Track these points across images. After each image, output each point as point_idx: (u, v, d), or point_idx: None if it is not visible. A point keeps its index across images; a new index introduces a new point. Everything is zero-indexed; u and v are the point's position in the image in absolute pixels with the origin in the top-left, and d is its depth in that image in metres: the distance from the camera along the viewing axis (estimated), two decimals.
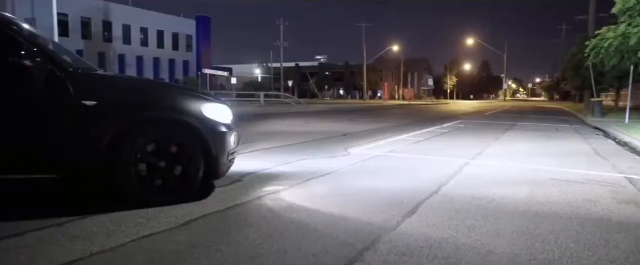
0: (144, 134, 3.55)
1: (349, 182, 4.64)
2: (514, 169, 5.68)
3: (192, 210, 3.40)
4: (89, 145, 3.41)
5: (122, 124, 3.49)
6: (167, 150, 3.61)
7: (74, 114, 3.35)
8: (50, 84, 3.29)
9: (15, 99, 3.30)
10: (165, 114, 3.68)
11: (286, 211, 3.45)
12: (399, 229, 3.04)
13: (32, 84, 3.27)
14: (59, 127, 3.38)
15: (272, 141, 8.10)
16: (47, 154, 3.39)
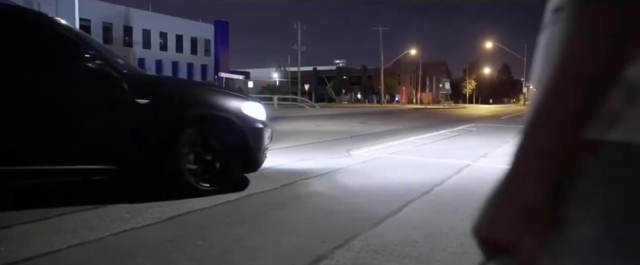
0: (192, 129, 3.86)
1: (341, 183, 4.64)
2: None
3: (178, 206, 3.45)
4: (145, 140, 3.71)
5: (173, 121, 3.81)
6: (211, 144, 3.92)
7: (131, 111, 3.66)
8: (109, 84, 3.60)
9: (82, 98, 3.64)
10: (210, 112, 3.98)
11: (272, 209, 3.48)
12: (378, 228, 3.03)
13: (95, 84, 3.61)
14: (119, 123, 3.69)
15: (280, 142, 8.15)
16: (110, 147, 3.68)
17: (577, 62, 0.53)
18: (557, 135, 0.54)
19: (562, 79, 0.54)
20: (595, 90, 0.52)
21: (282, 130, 12.02)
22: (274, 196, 3.94)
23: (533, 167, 0.55)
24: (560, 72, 0.54)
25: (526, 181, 0.56)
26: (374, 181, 4.75)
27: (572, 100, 0.52)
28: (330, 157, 6.40)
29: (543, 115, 0.55)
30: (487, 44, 61.41)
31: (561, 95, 0.54)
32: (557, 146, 0.54)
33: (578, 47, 0.53)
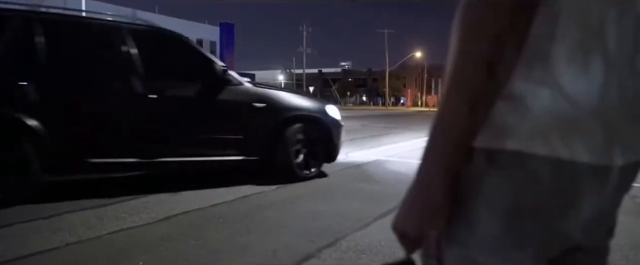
0: (294, 127, 4.73)
1: (335, 185, 4.72)
2: None
3: (174, 206, 3.55)
4: (261, 135, 4.60)
5: (280, 120, 4.68)
6: (307, 139, 4.82)
7: (254, 113, 4.55)
8: (237, 92, 4.54)
9: (219, 103, 4.48)
10: (306, 113, 4.90)
11: (265, 210, 3.56)
12: (368, 229, 3.11)
13: (227, 92, 4.47)
14: (244, 123, 4.57)
15: None
16: (238, 141, 4.52)
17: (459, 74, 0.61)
18: (454, 143, 0.63)
19: (451, 88, 0.62)
20: (478, 102, 0.61)
21: None
22: (269, 197, 4.02)
23: (436, 172, 0.64)
24: (449, 83, 0.63)
25: (431, 184, 0.64)
26: (368, 184, 4.83)
27: (460, 113, 0.61)
28: None
29: (441, 118, 0.64)
30: None
31: (450, 104, 0.63)
32: (455, 154, 0.63)
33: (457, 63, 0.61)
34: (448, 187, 0.64)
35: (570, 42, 0.60)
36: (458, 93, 0.61)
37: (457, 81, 0.61)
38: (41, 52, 3.73)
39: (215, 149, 4.47)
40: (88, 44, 4.17)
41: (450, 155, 0.63)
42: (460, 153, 0.63)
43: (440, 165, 0.64)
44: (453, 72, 0.61)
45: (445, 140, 0.63)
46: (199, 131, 4.39)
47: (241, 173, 4.80)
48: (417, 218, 0.66)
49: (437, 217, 0.65)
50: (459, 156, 0.63)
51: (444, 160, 0.64)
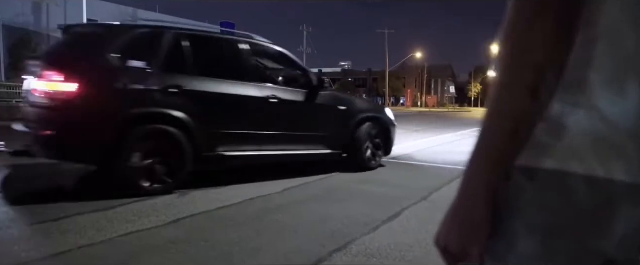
0: (366, 125, 5.76)
1: (340, 188, 4.74)
2: None
3: (182, 209, 3.56)
4: (345, 134, 5.56)
5: (357, 120, 5.69)
6: (373, 136, 5.85)
7: (338, 115, 5.55)
8: (326, 97, 5.55)
9: (313, 107, 5.41)
10: (372, 114, 5.99)
11: (272, 213, 3.58)
12: (376, 233, 3.12)
13: (320, 97, 5.43)
14: (335, 123, 5.54)
15: None
16: (328, 137, 5.47)
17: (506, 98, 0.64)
18: (495, 163, 0.65)
19: (494, 111, 0.65)
20: (522, 126, 0.63)
21: None
22: (276, 200, 4.04)
23: (478, 190, 0.66)
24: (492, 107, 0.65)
25: (473, 201, 0.67)
26: (373, 186, 4.84)
27: (503, 136, 0.63)
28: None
29: (483, 139, 0.66)
30: (494, 48, 61.27)
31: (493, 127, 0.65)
32: (496, 173, 0.65)
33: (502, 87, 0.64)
34: (489, 205, 0.66)
35: (607, 67, 0.62)
36: (502, 117, 0.63)
37: (501, 106, 0.63)
38: (188, 63, 4.52)
39: (311, 144, 5.36)
40: (222, 56, 5.00)
41: (492, 174, 0.66)
42: (502, 172, 0.65)
43: (483, 184, 0.66)
44: (497, 98, 0.64)
45: (488, 161, 0.66)
46: (301, 129, 5.29)
47: (243, 174, 4.83)
48: (459, 234, 0.68)
49: (478, 234, 0.67)
50: (501, 175, 0.66)
51: (486, 179, 0.66)
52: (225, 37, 5.29)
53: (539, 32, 0.60)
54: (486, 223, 0.67)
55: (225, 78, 4.72)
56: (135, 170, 3.94)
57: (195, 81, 4.45)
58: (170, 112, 4.16)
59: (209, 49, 4.89)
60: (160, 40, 4.37)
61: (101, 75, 4.08)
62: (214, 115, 4.55)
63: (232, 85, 4.72)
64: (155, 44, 4.34)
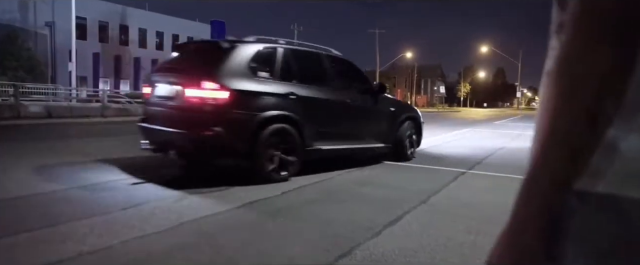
0: (406, 123, 6.99)
1: (340, 190, 4.74)
2: (509, 180, 5.71)
3: (184, 214, 3.53)
4: (393, 131, 6.78)
5: (402, 119, 6.93)
6: (412, 134, 7.19)
7: (389, 115, 6.77)
8: (381, 100, 6.71)
9: (373, 109, 6.59)
10: (412, 114, 7.31)
11: (275, 217, 3.57)
12: (380, 238, 3.12)
13: (377, 100, 6.60)
14: (387, 122, 6.71)
15: None
16: (382, 134, 6.63)
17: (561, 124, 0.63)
18: (551, 188, 0.65)
19: (550, 138, 0.64)
20: (580, 153, 0.63)
21: None
22: (276, 203, 4.02)
23: (533, 214, 0.66)
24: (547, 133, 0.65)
25: (527, 224, 0.66)
26: (372, 188, 4.85)
27: (561, 163, 0.63)
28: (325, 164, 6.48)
29: (539, 165, 0.66)
30: (483, 48, 61.73)
31: (550, 154, 0.65)
32: (552, 197, 0.65)
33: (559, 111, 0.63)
34: (544, 229, 0.66)
35: None
36: (559, 144, 0.63)
37: (558, 134, 0.63)
38: (294, 73, 5.51)
39: (372, 139, 6.47)
40: (316, 67, 6.02)
41: (548, 199, 0.66)
42: (558, 196, 0.65)
43: (538, 208, 0.66)
44: (553, 124, 0.63)
45: (543, 185, 0.65)
46: (367, 126, 6.45)
47: (237, 178, 4.81)
48: (512, 257, 0.68)
49: (532, 258, 0.67)
50: (556, 199, 0.65)
51: (542, 203, 0.66)
52: (316, 51, 6.18)
53: (599, 60, 0.60)
54: (540, 247, 0.66)
55: (319, 85, 5.81)
56: (267, 162, 4.87)
57: (301, 88, 5.41)
58: (289, 114, 5.12)
59: (306, 61, 5.92)
60: (275, 54, 5.35)
61: (244, 84, 4.83)
62: (315, 116, 5.51)
63: (324, 91, 5.80)
64: (272, 58, 5.30)
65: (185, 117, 4.74)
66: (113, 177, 4.90)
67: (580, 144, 0.63)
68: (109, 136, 9.96)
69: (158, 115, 5.15)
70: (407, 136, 7.01)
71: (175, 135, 4.73)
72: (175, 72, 5.21)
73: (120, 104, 19.56)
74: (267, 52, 5.32)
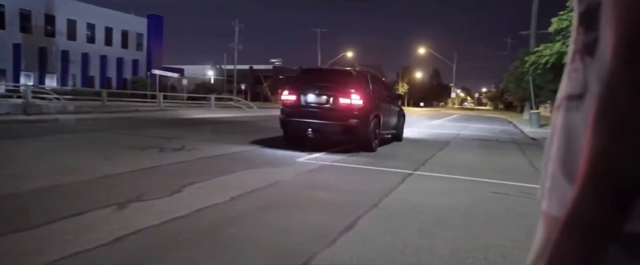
0: (403, 119, 11.27)
1: (292, 195, 4.62)
2: (454, 182, 5.87)
3: (125, 225, 3.26)
4: (398, 122, 10.81)
5: (401, 114, 11.13)
6: (401, 124, 11.15)
7: (398, 112, 10.84)
8: (396, 105, 11.09)
9: (395, 110, 10.76)
10: (403, 112, 11.43)
11: (224, 226, 3.39)
12: (336, 246, 3.05)
13: (396, 104, 11.06)
14: (397, 117, 10.69)
15: (219, 148, 7.94)
16: (394, 127, 10.51)
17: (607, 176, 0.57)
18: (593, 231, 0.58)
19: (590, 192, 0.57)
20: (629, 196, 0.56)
21: (224, 137, 11.73)
22: (225, 211, 3.83)
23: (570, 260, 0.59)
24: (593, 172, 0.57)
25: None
26: (323, 192, 4.78)
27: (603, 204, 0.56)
28: (276, 166, 6.35)
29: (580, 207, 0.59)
30: (420, 50, 63.85)
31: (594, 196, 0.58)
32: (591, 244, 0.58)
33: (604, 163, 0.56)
34: None
35: None
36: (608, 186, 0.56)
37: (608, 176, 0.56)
38: (374, 92, 8.94)
39: (392, 128, 10.30)
40: (380, 87, 9.96)
41: (588, 244, 0.59)
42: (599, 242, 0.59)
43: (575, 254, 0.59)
44: (601, 165, 0.56)
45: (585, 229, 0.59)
46: (393, 120, 10.29)
47: (177, 177, 4.56)
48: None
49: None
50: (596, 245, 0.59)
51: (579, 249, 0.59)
52: (379, 76, 10.57)
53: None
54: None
55: (383, 95, 9.83)
56: (372, 140, 8.63)
57: (380, 99, 9.35)
58: (380, 113, 8.96)
59: (377, 79, 9.86)
60: (367, 77, 9.04)
61: (368, 95, 8.51)
62: (382, 115, 9.20)
63: (385, 99, 9.88)
64: (367, 80, 8.91)
65: (336, 114, 8.13)
66: None
67: (630, 187, 0.56)
68: None
69: (310, 113, 8.30)
70: (402, 125, 11.14)
71: (328, 124, 8.18)
72: (323, 88, 8.33)
73: (47, 101, 18.18)
74: (367, 76, 9.11)
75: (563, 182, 0.71)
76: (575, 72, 0.74)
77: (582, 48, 0.73)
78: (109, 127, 11.85)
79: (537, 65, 11.54)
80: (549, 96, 25.79)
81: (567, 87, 0.76)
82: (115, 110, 18.81)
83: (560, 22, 11.58)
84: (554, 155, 0.75)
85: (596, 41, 0.69)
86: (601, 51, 0.68)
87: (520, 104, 37.83)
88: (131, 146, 7.73)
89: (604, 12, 0.62)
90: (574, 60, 0.75)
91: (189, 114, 20.40)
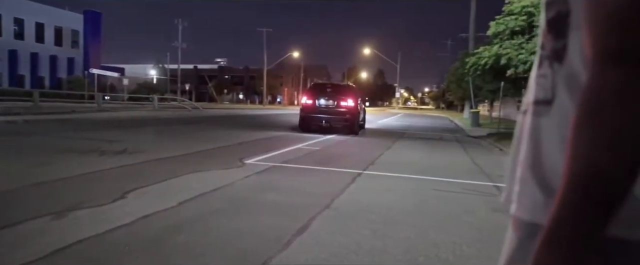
0: (363, 113, 16.16)
1: (241, 199, 4.54)
2: (402, 180, 6.00)
3: (64, 236, 3.05)
4: (363, 116, 15.68)
5: (364, 110, 16.44)
6: (364, 118, 16.27)
7: (363, 109, 15.85)
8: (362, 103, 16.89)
9: (364, 109, 17.32)
10: (364, 109, 16.43)
11: (173, 233, 3.26)
12: (290, 249, 3.01)
13: (363, 104, 17.46)
14: (363, 113, 15.85)
15: (164, 150, 7.67)
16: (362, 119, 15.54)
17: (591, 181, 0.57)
18: (578, 238, 0.58)
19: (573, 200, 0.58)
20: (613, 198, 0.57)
21: (167, 138, 11.38)
22: (173, 216, 3.69)
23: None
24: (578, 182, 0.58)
25: None
26: (274, 194, 4.73)
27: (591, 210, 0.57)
28: (224, 168, 6.21)
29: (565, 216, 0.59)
30: (365, 50, 64.98)
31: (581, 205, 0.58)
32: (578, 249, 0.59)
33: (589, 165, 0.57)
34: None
35: None
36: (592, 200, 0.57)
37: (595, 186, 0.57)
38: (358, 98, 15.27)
39: (361, 122, 14.78)
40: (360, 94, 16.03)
41: (573, 251, 0.60)
42: (585, 249, 0.60)
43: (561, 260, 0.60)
44: (588, 175, 0.57)
45: (569, 237, 0.59)
46: (363, 115, 15.54)
47: (120, 182, 4.36)
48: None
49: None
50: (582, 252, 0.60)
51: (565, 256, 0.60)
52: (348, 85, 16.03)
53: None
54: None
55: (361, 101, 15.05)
56: (358, 129, 14.17)
57: (360, 103, 14.75)
58: (360, 111, 14.55)
59: (358, 91, 15.47)
60: (355, 88, 15.78)
61: (356, 101, 13.74)
62: (362, 111, 15.13)
63: (363, 102, 15.94)
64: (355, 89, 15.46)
65: (338, 112, 13.08)
66: None
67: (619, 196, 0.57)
68: None
69: (322, 111, 13.21)
70: (365, 117, 15.45)
71: (334, 118, 13.16)
72: (329, 96, 13.43)
73: None
74: (355, 88, 15.11)
75: (533, 185, 0.72)
76: (544, 78, 0.75)
77: (551, 54, 0.74)
78: (43, 129, 11.14)
79: (477, 66, 12.04)
80: (487, 96, 27.11)
81: (535, 93, 0.77)
82: (49, 112, 17.70)
83: (497, 25, 12.16)
84: (523, 160, 0.75)
85: (565, 48, 0.70)
86: (570, 58, 0.69)
87: (461, 103, 39.46)
88: (68, 150, 7.30)
89: (580, 18, 0.62)
90: (541, 66, 0.76)
91: (130, 115, 19.58)
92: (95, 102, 25.07)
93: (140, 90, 42.72)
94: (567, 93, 0.69)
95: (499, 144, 11.69)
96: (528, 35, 11.74)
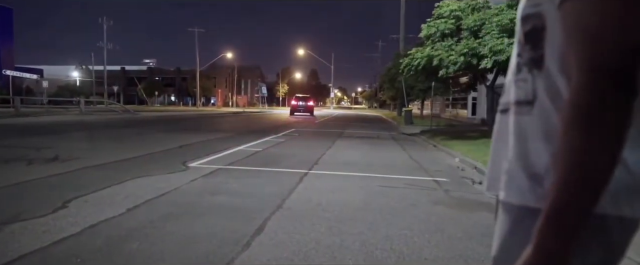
0: None
1: (191, 202, 4.46)
2: (347, 178, 6.16)
3: (4, 249, 2.86)
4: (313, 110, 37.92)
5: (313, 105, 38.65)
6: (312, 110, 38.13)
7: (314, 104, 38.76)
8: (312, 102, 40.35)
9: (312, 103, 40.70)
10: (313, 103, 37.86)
11: (125, 241, 3.16)
12: (250, 250, 3.03)
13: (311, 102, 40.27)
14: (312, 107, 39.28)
15: (100, 156, 7.30)
16: None
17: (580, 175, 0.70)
18: (577, 217, 0.70)
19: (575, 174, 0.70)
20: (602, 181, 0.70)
21: (101, 143, 10.85)
22: (123, 224, 3.56)
23: (561, 243, 0.70)
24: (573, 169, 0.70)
25: (556, 255, 0.71)
26: (225, 197, 4.69)
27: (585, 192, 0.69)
28: (168, 173, 6.04)
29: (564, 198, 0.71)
30: (299, 51, 65.28)
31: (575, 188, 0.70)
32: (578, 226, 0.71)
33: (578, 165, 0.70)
34: (565, 254, 0.71)
35: (635, 128, 0.74)
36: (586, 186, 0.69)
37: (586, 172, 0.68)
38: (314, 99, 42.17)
39: None
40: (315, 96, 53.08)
41: (575, 229, 0.70)
42: (583, 226, 0.71)
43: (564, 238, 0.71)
44: (580, 164, 0.68)
45: (570, 217, 0.70)
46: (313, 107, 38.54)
47: (57, 190, 4.14)
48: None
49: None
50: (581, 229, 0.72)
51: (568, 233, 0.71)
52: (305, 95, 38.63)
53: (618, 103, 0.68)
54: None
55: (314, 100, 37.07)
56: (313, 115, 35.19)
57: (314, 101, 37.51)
58: (314, 106, 39.15)
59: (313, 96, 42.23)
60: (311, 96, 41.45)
61: (313, 101, 36.72)
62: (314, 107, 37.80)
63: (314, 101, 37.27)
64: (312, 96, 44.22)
65: (307, 107, 34.42)
66: None
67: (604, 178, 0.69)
68: None
69: (301, 108, 34.05)
70: (313, 109, 35.41)
71: (306, 110, 34.24)
72: (304, 100, 34.87)
73: None
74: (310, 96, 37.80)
75: (521, 175, 0.84)
76: (524, 82, 0.87)
77: (529, 62, 0.87)
78: None
79: (411, 66, 12.57)
80: (419, 95, 28.31)
81: (515, 94, 0.90)
82: None
83: (429, 28, 12.77)
84: (510, 154, 0.87)
85: (542, 57, 0.83)
86: (547, 65, 0.82)
87: (393, 102, 40.83)
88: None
89: (555, 32, 0.76)
90: (520, 71, 0.89)
91: (55, 119, 18.34)
92: (13, 106, 23.16)
93: (61, 93, 40.02)
94: (547, 95, 0.82)
95: (433, 141, 12.30)
96: (456, 37, 12.44)
